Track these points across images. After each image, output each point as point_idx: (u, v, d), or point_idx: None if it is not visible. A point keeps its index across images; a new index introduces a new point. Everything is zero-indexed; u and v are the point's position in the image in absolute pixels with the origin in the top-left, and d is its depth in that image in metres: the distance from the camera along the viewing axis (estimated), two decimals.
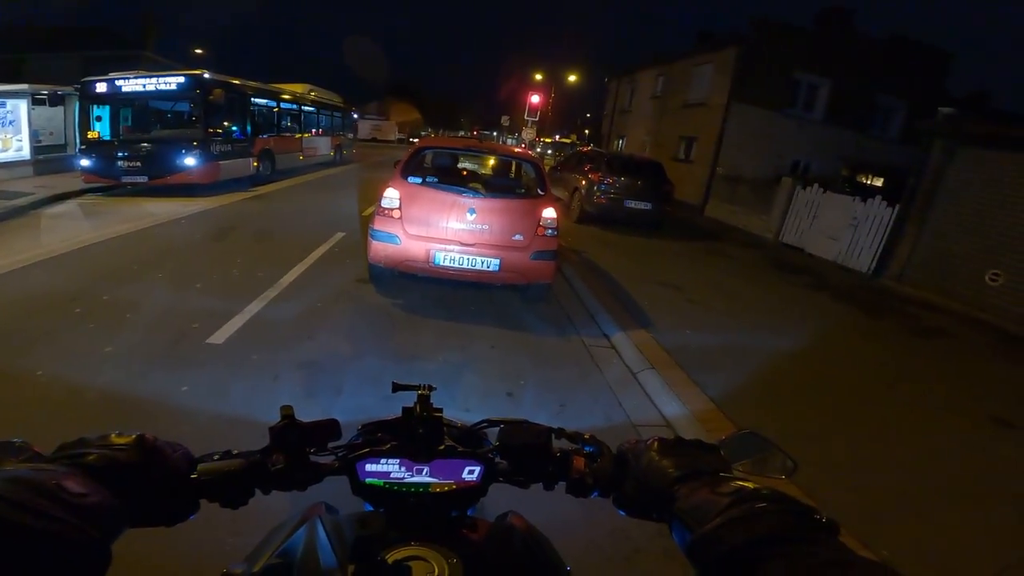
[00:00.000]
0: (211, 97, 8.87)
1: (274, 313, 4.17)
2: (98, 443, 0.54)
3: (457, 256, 4.41)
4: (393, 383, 0.72)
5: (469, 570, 0.63)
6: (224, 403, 2.81)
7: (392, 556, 0.63)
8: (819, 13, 16.52)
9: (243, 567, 0.66)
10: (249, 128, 10.29)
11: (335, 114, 16.19)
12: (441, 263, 4.43)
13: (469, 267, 4.44)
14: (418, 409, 0.69)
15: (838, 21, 16.26)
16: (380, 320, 4.36)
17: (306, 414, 0.67)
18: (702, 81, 16.96)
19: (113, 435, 0.56)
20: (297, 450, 0.65)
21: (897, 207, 8.45)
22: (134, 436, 0.56)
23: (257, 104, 10.82)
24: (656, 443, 0.64)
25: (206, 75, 8.98)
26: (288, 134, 12.39)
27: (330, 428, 0.67)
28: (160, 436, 0.59)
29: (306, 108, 13.72)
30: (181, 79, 8.84)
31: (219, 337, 3.62)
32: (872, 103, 16.25)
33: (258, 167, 10.49)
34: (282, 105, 12.11)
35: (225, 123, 9.51)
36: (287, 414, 0.65)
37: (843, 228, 9.36)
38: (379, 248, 4.49)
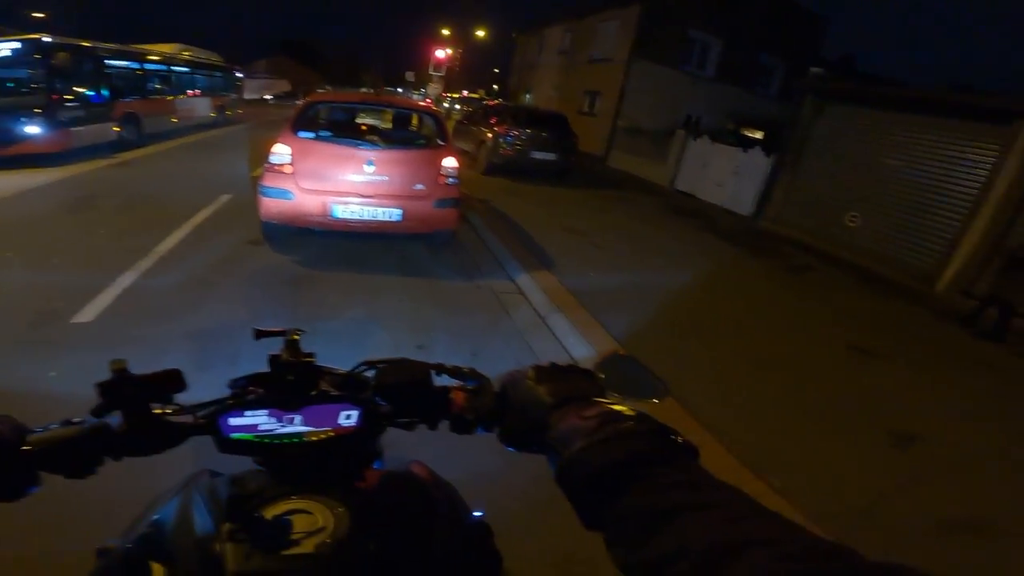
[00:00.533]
0: (55, 61, 8.13)
1: (152, 284, 3.78)
2: None
3: (357, 208, 4.40)
4: (255, 329, 0.67)
5: (357, 519, 0.61)
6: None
7: (271, 511, 0.60)
8: None
9: (118, 541, 0.62)
10: (105, 92, 9.50)
11: (215, 74, 15.34)
12: (340, 216, 4.39)
13: (371, 218, 4.45)
14: (285, 355, 0.64)
15: None
16: (277, 281, 4.11)
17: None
18: (607, 37, 17.39)
19: None
20: (137, 407, 0.59)
21: (773, 157, 9.34)
22: None
23: (115, 66, 10.05)
24: (532, 371, 0.62)
25: (46, 38, 8.18)
26: (157, 96, 11.63)
27: (171, 378, 0.61)
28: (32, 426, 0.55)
29: (178, 68, 12.91)
30: (16, 44, 8.01)
31: (87, 314, 3.24)
32: (757, 62, 17.69)
33: (121, 132, 9.70)
34: (147, 66, 11.35)
35: (76, 88, 8.75)
36: (119, 367, 0.58)
37: (729, 176, 10.24)
38: (271, 204, 4.35)
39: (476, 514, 0.76)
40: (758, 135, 15.96)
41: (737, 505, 0.38)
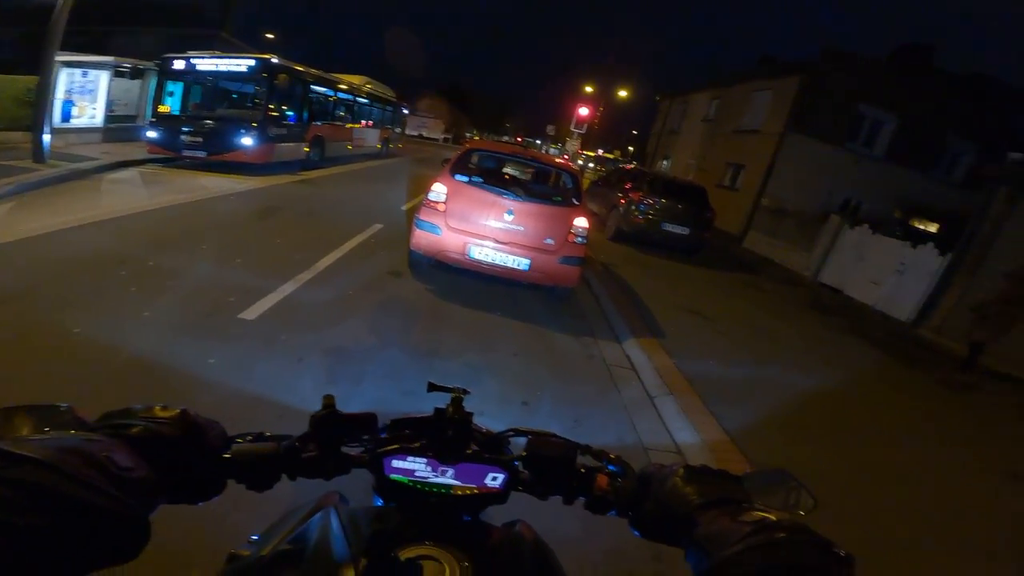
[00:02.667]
0: (276, 81, 9.25)
1: (306, 295, 4.28)
2: (143, 414, 0.54)
3: (491, 252, 4.74)
4: (429, 383, 0.71)
5: (478, 574, 0.62)
6: (247, 380, 2.87)
7: (405, 554, 0.62)
8: (896, 49, 15.88)
9: (252, 549, 0.66)
10: (305, 114, 10.61)
11: (387, 107, 16.48)
12: (475, 257, 4.75)
13: (501, 263, 4.77)
14: (451, 411, 0.69)
15: (916, 58, 15.64)
16: (408, 314, 4.43)
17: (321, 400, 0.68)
18: (758, 107, 16.49)
19: (157, 407, 0.56)
20: (333, 440, 0.66)
21: (949, 255, 8.07)
22: (178, 411, 0.56)
23: (315, 91, 11.15)
24: (682, 469, 0.64)
25: (274, 60, 9.39)
26: (340, 123, 12.73)
27: (368, 421, 0.67)
28: (197, 410, 0.59)
29: (360, 99, 14.06)
30: (252, 62, 9.26)
31: (252, 313, 3.73)
32: (940, 143, 15.24)
33: (309, 152, 10.81)
34: (338, 94, 12.45)
35: (284, 107, 9.87)
36: (329, 403, 0.65)
37: (889, 273, 8.98)
38: (421, 236, 4.82)
39: None
40: (932, 228, 13.94)
41: None
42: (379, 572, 0.59)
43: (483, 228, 4.72)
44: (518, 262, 4.75)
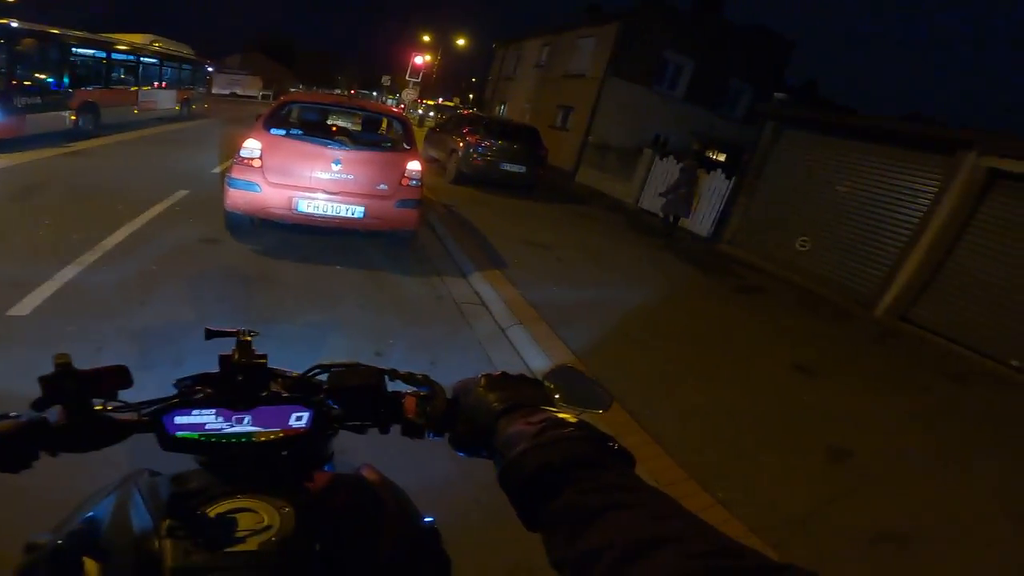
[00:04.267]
0: (19, 47, 8.00)
1: (95, 278, 3.63)
2: None
3: (322, 204, 4.58)
4: (206, 329, 0.65)
5: (303, 519, 0.60)
6: (30, 384, 2.38)
7: (214, 510, 0.59)
8: (696, 1, 18.10)
9: (49, 536, 0.60)
10: (66, 80, 9.35)
11: (183, 67, 15.00)
12: (304, 210, 4.56)
13: (333, 214, 4.64)
14: (236, 355, 0.64)
15: (710, 7, 17.97)
16: (229, 283, 4.01)
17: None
18: (584, 53, 17.69)
19: None
20: (79, 402, 0.58)
21: (733, 180, 9.60)
22: None
23: (80, 55, 9.89)
24: (483, 379, 0.64)
25: (14, 24, 8.05)
26: (120, 87, 11.42)
27: (117, 375, 0.60)
28: None
29: (146, 60, 12.68)
30: None
31: (23, 308, 3.07)
32: (726, 85, 18.18)
33: (77, 121, 9.56)
34: (113, 56, 11.12)
35: (36, 74, 8.60)
36: (62, 362, 0.58)
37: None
38: (237, 195, 4.50)
39: (427, 519, 0.77)
40: (721, 157, 16.51)
41: (659, 506, 0.41)
42: (186, 531, 0.56)
43: (309, 180, 4.53)
44: (352, 211, 4.67)
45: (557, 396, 0.71)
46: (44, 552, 0.59)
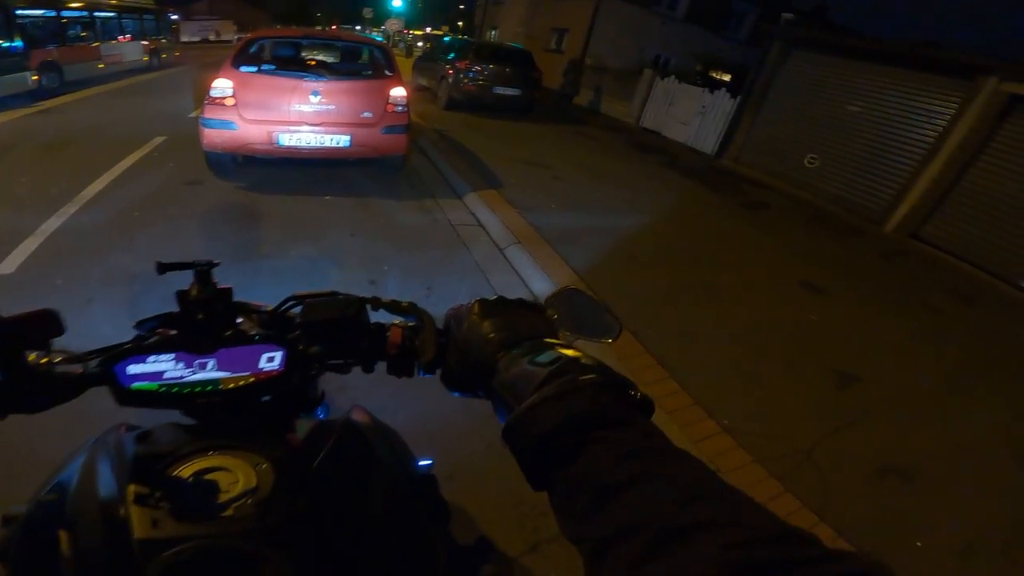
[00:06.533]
0: None
1: (77, 228, 3.49)
2: None
3: (306, 136, 4.49)
4: (158, 263, 0.54)
5: (283, 475, 0.54)
6: None
7: (184, 471, 0.54)
8: None
9: (24, 508, 0.55)
10: (20, 42, 9.32)
11: (145, 17, 14.96)
12: (286, 143, 4.47)
13: (319, 145, 4.55)
14: (194, 291, 0.54)
15: None
16: (217, 222, 3.86)
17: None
18: None
19: None
20: (7, 354, 0.48)
21: (738, 98, 9.32)
22: None
23: (29, 16, 9.75)
24: (477, 305, 0.55)
25: None
26: (80, 43, 11.43)
27: (43, 320, 0.49)
28: None
29: (101, 14, 12.49)
30: None
31: (8, 266, 2.97)
32: (728, 6, 17.58)
33: (40, 80, 9.58)
34: (65, 13, 11.02)
35: None
36: None
37: (693, 115, 10.20)
38: (213, 134, 4.38)
39: (424, 462, 0.71)
40: (726, 78, 15.88)
41: (692, 479, 0.35)
42: (154, 500, 0.50)
43: (289, 114, 4.42)
44: (337, 140, 4.57)
45: (561, 324, 0.61)
46: (18, 525, 0.54)
